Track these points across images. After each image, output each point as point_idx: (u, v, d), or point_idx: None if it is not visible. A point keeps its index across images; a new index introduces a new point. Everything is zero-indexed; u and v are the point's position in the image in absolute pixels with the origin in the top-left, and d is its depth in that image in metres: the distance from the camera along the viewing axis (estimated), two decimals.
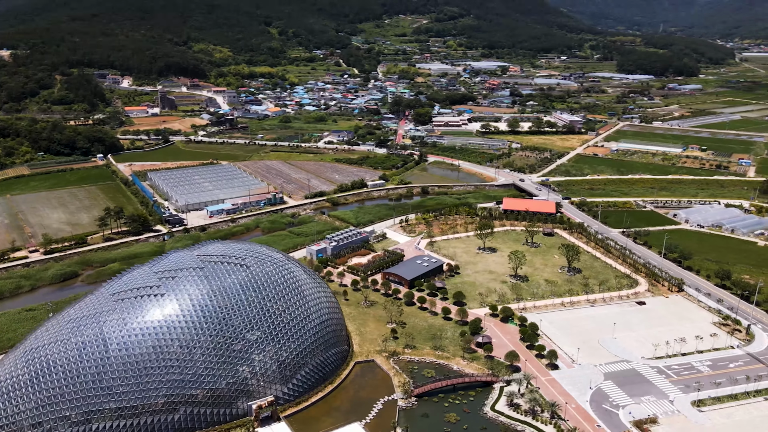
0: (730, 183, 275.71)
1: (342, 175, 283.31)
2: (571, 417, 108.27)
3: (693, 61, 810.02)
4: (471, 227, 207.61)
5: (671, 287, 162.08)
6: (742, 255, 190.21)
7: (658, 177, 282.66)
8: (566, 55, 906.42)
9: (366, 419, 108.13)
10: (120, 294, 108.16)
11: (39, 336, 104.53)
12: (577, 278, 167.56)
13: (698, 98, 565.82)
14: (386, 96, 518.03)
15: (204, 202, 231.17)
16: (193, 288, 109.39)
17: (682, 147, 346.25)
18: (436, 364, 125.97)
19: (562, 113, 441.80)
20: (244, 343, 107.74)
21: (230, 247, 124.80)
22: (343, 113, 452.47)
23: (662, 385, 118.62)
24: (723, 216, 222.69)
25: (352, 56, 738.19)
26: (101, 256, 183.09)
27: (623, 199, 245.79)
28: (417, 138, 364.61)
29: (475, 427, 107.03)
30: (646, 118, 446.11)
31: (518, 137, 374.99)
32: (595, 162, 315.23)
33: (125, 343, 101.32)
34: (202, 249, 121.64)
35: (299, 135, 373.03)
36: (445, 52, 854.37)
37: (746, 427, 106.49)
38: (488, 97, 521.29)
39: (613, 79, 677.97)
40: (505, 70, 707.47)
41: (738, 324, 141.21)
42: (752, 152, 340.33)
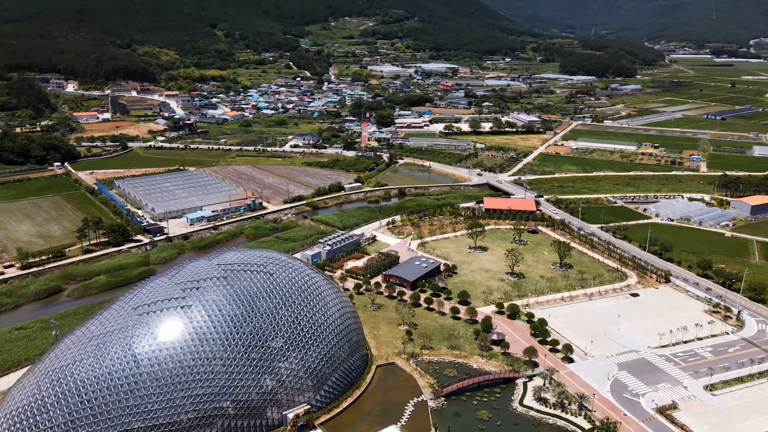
0: (686, 178, 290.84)
1: (315, 178, 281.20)
2: (598, 408, 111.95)
3: (630, 62, 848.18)
4: (458, 227, 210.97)
5: (659, 279, 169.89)
6: (714, 245, 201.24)
7: (622, 174, 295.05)
8: (510, 57, 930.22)
9: (401, 422, 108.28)
10: (143, 308, 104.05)
11: (60, 355, 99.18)
12: (570, 273, 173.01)
13: (640, 98, 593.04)
14: (344, 98, 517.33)
15: (182, 209, 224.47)
16: (219, 298, 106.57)
17: (637, 144, 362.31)
18: (456, 364, 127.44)
19: (520, 113, 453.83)
20: (276, 352, 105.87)
21: (248, 254, 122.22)
22: (303, 116, 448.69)
23: (673, 372, 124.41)
24: (689, 209, 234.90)
25: (302, 59, 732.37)
26: (84, 269, 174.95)
27: (594, 195, 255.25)
28: (383, 140, 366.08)
29: (508, 422, 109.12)
30: (597, 117, 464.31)
31: (480, 137, 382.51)
32: (559, 160, 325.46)
33: (156, 358, 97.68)
34: (220, 258, 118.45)
35: (263, 139, 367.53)
36: (394, 54, 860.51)
37: (758, 407, 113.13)
38: (444, 99, 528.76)
39: (558, 80, 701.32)
40: (455, 71, 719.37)
41: (729, 311, 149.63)
42: (699, 148, 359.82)
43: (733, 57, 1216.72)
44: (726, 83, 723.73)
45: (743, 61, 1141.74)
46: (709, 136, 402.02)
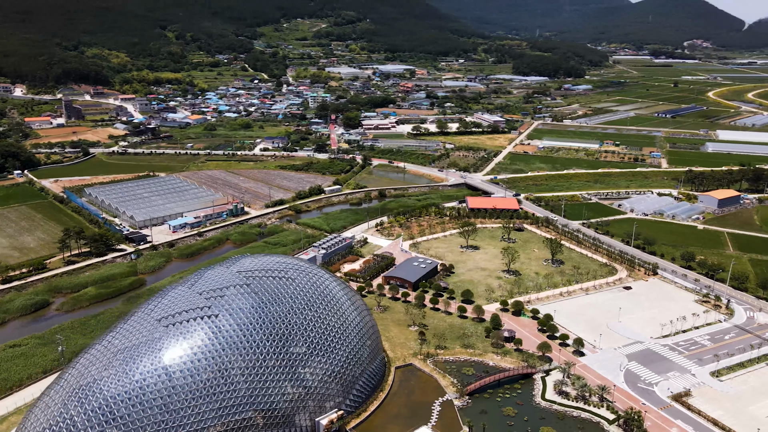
0: (651, 174, 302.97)
1: (292, 182, 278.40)
2: (616, 398, 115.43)
3: (578, 63, 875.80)
4: (446, 227, 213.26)
5: (647, 272, 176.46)
6: (689, 238, 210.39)
7: (590, 171, 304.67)
8: (463, 59, 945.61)
9: (431, 422, 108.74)
10: (168, 319, 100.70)
11: (84, 372, 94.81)
12: (563, 269, 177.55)
13: (593, 97, 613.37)
14: (306, 101, 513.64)
15: (162, 216, 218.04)
16: (245, 305, 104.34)
17: (599, 143, 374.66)
18: (472, 362, 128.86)
19: (483, 114, 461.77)
20: (303, 358, 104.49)
21: (265, 260, 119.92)
22: (267, 119, 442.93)
23: (679, 360, 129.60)
24: (661, 204, 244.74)
25: (258, 61, 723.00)
26: (70, 281, 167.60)
27: (570, 192, 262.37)
28: (353, 142, 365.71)
29: (534, 417, 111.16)
30: (557, 117, 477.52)
31: (448, 138, 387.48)
32: (528, 159, 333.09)
33: (189, 370, 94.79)
34: (237, 265, 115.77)
35: (230, 143, 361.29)
36: (349, 56, 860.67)
37: (764, 390, 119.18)
38: (406, 100, 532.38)
39: (513, 80, 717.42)
40: (412, 73, 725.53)
41: (718, 300, 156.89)
42: (657, 146, 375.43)
43: (671, 58, 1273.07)
44: (669, 83, 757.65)
45: (680, 61, 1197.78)
46: (664, 133, 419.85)
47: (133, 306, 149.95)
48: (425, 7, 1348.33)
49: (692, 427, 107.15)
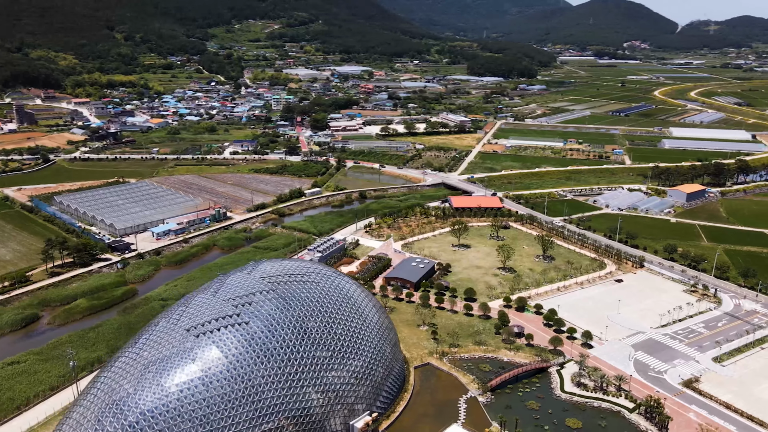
0: (618, 170, 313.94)
1: (269, 185, 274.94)
2: (632, 387, 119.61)
3: (529, 64, 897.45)
4: (434, 226, 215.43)
5: (634, 265, 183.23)
6: (665, 231, 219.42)
7: (561, 168, 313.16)
8: (418, 60, 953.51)
9: (460, 420, 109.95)
10: (198, 328, 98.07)
11: (115, 386, 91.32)
12: (555, 265, 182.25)
13: (548, 97, 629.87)
14: (268, 103, 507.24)
15: (143, 224, 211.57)
16: (274, 311, 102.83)
17: (563, 141, 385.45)
18: (487, 359, 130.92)
19: (448, 114, 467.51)
20: (334, 360, 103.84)
21: (285, 265, 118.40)
22: (231, 122, 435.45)
23: (681, 348, 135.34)
24: (633, 199, 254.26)
25: (213, 63, 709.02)
26: (58, 294, 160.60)
27: (547, 190, 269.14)
28: (323, 144, 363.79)
29: (557, 409, 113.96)
30: (518, 116, 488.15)
31: (417, 138, 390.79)
32: (499, 158, 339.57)
33: (226, 379, 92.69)
34: (258, 270, 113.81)
35: (197, 147, 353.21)
36: (305, 57, 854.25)
37: (764, 373, 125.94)
38: (369, 101, 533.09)
39: (469, 81, 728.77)
40: (371, 74, 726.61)
41: (706, 290, 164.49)
42: (617, 143, 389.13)
43: (613, 58, 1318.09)
44: (616, 83, 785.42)
45: (623, 62, 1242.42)
46: (621, 131, 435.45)
47: (130, 317, 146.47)
48: (376, 8, 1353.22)
49: (707, 411, 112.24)
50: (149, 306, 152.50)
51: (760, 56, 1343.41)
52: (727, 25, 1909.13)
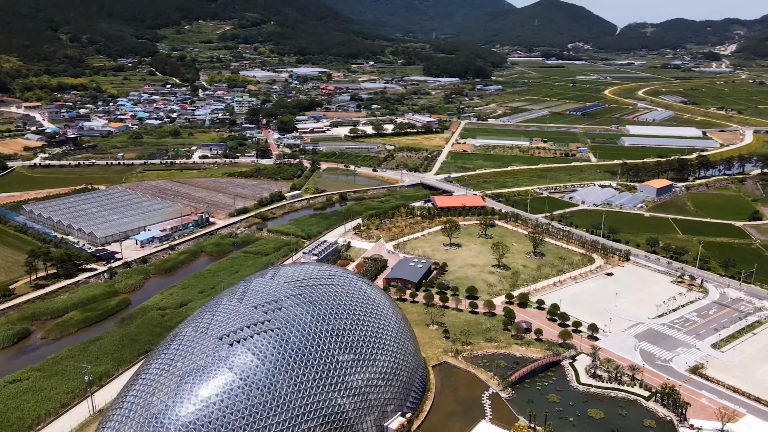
0: (586, 168, 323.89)
1: (246, 189, 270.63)
2: (644, 376, 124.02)
3: (483, 64, 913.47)
4: (423, 226, 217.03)
5: (620, 258, 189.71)
6: (641, 225, 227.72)
7: (532, 167, 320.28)
8: (373, 60, 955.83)
9: (487, 416, 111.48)
10: (230, 336, 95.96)
11: (150, 400, 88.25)
12: (546, 261, 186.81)
13: (506, 97, 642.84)
14: (230, 106, 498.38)
15: (125, 231, 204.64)
16: (305, 316, 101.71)
17: (529, 140, 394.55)
18: (500, 355, 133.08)
19: (414, 115, 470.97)
20: (365, 362, 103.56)
21: (304, 268, 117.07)
22: (194, 125, 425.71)
23: (681, 337, 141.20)
24: (606, 195, 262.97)
25: (166, 65, 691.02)
26: (47, 307, 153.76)
27: (524, 188, 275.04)
28: (294, 146, 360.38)
29: (578, 401, 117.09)
30: (481, 116, 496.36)
31: (385, 139, 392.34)
32: (470, 157, 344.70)
33: (265, 387, 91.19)
34: (280, 275, 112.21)
35: (163, 151, 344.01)
36: (260, 59, 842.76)
37: (761, 356, 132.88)
38: (332, 103, 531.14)
39: (427, 82, 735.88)
40: (329, 76, 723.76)
41: (692, 280, 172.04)
42: (580, 141, 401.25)
43: (560, 59, 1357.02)
44: (567, 83, 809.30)
45: (569, 62, 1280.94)
46: (581, 130, 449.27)
47: (130, 328, 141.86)
48: (327, 9, 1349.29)
49: (717, 396, 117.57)
50: (148, 316, 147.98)
51: (694, 57, 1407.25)
52: (662, 27, 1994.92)
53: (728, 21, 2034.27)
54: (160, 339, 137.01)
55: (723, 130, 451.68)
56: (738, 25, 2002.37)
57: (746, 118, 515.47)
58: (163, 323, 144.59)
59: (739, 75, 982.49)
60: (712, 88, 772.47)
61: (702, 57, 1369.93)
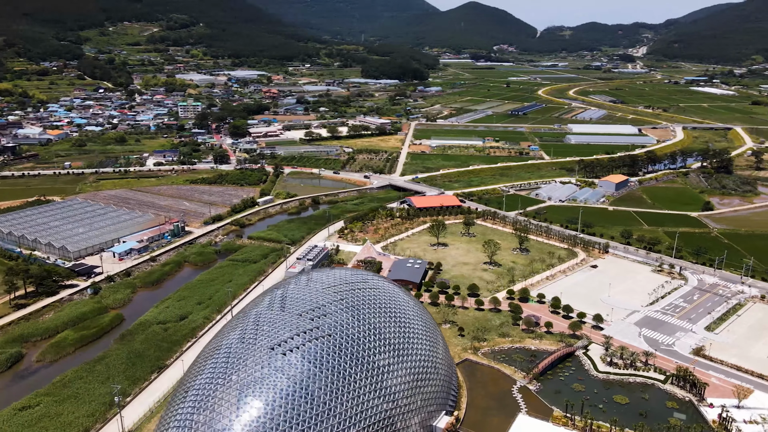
0: (542, 165, 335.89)
1: (213, 196, 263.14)
2: (652, 360, 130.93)
3: (420, 66, 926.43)
4: (405, 227, 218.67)
5: (600, 251, 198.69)
6: (608, 218, 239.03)
7: (492, 166, 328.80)
8: (309, 63, 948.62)
9: (523, 409, 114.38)
10: (282, 346, 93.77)
11: (210, 417, 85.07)
12: (533, 256, 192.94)
13: (447, 98, 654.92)
14: (173, 110, 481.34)
15: (98, 244, 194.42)
16: (352, 321, 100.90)
17: (482, 139, 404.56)
18: (516, 349, 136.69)
19: (365, 117, 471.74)
20: (410, 362, 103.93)
21: (336, 274, 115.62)
22: (139, 132, 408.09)
23: (676, 322, 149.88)
24: (569, 191, 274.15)
25: (95, 68, 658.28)
26: (36, 327, 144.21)
27: (490, 186, 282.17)
28: (251, 151, 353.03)
29: (601, 388, 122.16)
30: (429, 117, 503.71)
31: (341, 141, 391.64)
32: (430, 158, 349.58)
33: (326, 394, 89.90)
34: (315, 281, 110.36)
35: (112, 159, 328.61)
36: (193, 61, 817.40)
37: (750, 335, 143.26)
38: (278, 106, 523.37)
39: (368, 84, 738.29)
40: (269, 78, 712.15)
41: (672, 269, 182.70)
42: (529, 140, 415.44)
43: (488, 61, 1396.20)
44: (501, 83, 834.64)
45: (498, 64, 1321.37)
46: (527, 129, 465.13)
47: (134, 344, 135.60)
48: (257, 11, 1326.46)
49: (724, 375, 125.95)
50: (150, 331, 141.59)
51: (611, 58, 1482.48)
52: (578, 31, 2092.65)
53: (637, 25, 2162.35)
54: (169, 354, 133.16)
55: (655, 127, 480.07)
56: (645, 28, 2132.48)
57: (672, 115, 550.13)
58: (168, 338, 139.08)
59: (654, 75, 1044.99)
60: (634, 88, 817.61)
61: (618, 58, 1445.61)
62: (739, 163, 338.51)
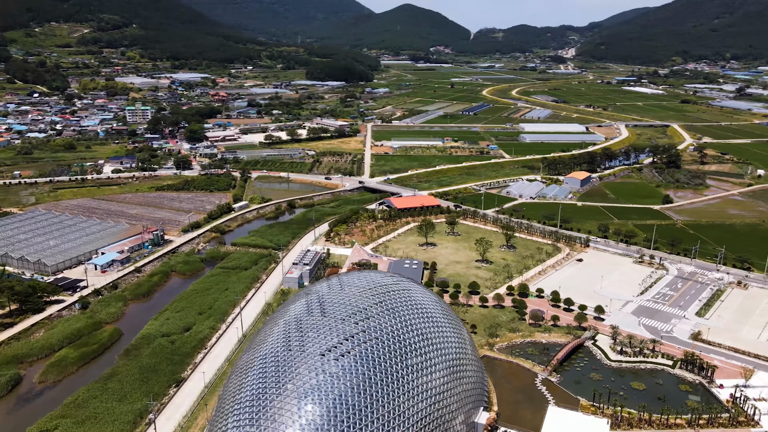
0: (505, 164, 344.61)
1: (185, 203, 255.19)
2: (659, 347, 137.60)
3: (363, 68, 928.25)
4: (389, 228, 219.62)
5: (582, 245, 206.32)
6: (579, 213, 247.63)
7: (458, 165, 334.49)
8: (251, 65, 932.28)
9: (551, 401, 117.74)
10: (332, 352, 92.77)
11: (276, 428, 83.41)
12: (521, 252, 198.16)
13: (397, 99, 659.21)
14: (120, 115, 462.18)
15: (76, 257, 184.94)
16: (395, 323, 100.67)
17: (441, 140, 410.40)
18: (528, 343, 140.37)
19: (322, 119, 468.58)
20: (450, 360, 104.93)
21: (366, 276, 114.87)
22: (87, 138, 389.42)
23: (668, 310, 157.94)
24: (537, 188, 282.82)
25: (27, 71, 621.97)
26: (31, 347, 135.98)
27: (462, 186, 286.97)
28: (212, 156, 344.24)
29: (617, 376, 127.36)
30: (384, 118, 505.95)
31: (302, 144, 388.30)
32: (394, 159, 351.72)
33: (384, 398, 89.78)
34: (349, 285, 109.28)
35: (65, 167, 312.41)
36: (131, 64, 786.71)
37: (738, 318, 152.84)
38: (230, 109, 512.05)
39: (315, 86, 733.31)
40: (214, 81, 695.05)
41: (652, 260, 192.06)
42: (486, 140, 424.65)
43: (427, 62, 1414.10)
44: (445, 84, 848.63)
45: (437, 65, 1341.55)
46: (481, 129, 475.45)
47: (143, 359, 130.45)
48: (192, 13, 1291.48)
49: (724, 357, 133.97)
50: (156, 344, 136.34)
51: (543, 60, 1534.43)
52: (509, 33, 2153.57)
53: (564, 27, 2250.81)
54: (182, 367, 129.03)
55: (600, 125, 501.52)
56: (572, 31, 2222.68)
57: (613, 114, 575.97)
58: (177, 350, 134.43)
59: (587, 76, 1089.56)
60: (571, 88, 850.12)
61: (550, 60, 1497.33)
62: (685, 158, 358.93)
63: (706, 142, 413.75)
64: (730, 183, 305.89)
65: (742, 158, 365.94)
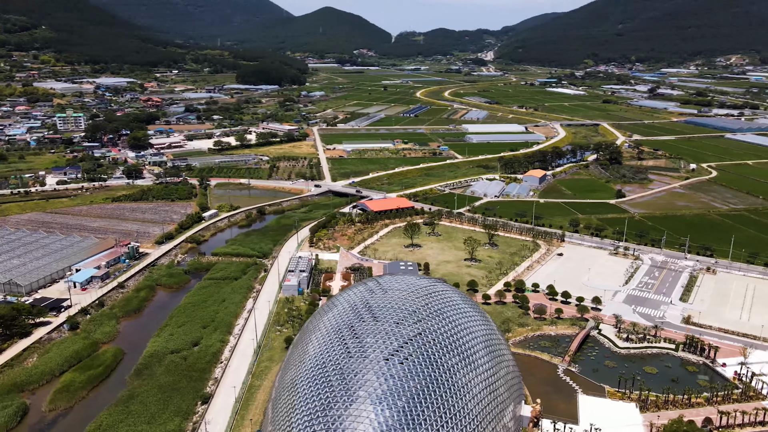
0: (460, 164, 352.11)
1: (149, 213, 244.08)
2: (660, 333, 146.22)
3: (296, 71, 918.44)
4: (371, 231, 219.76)
5: (558, 240, 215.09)
6: (544, 210, 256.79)
7: (417, 167, 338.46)
8: (176, 69, 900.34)
9: (578, 390, 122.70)
10: (395, 356, 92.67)
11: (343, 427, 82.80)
12: (503, 250, 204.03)
13: (336, 102, 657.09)
14: (50, 122, 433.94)
15: (49, 275, 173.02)
16: (446, 324, 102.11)
17: (392, 142, 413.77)
18: (539, 336, 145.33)
19: (269, 123, 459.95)
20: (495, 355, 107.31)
21: (403, 280, 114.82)
22: (17, 147, 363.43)
23: (655, 297, 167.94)
24: (498, 187, 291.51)
25: None
26: (30, 374, 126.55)
27: (427, 186, 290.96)
28: (161, 164, 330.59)
29: (628, 362, 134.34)
30: (328, 122, 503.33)
31: (253, 150, 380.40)
32: (349, 162, 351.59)
33: (454, 397, 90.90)
34: (391, 289, 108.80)
35: (2, 179, 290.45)
36: (47, 68, 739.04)
37: (716, 301, 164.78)
38: (167, 115, 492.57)
39: (250, 90, 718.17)
40: (142, 86, 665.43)
41: (627, 251, 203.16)
42: (434, 141, 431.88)
43: (354, 65, 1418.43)
44: (378, 87, 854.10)
45: (365, 68, 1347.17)
46: (426, 130, 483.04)
47: (160, 378, 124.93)
48: (104, 14, 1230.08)
49: (717, 338, 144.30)
50: (168, 361, 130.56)
51: (465, 62, 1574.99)
52: (429, 36, 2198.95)
53: (480, 31, 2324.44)
54: (203, 383, 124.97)
55: (537, 125, 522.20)
56: (488, 35, 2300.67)
57: (545, 114, 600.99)
58: (193, 366, 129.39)
59: (510, 78, 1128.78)
60: (498, 89, 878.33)
61: (472, 62, 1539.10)
62: (624, 155, 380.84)
63: (638, 140, 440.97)
64: (669, 177, 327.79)
65: (672, 153, 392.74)
